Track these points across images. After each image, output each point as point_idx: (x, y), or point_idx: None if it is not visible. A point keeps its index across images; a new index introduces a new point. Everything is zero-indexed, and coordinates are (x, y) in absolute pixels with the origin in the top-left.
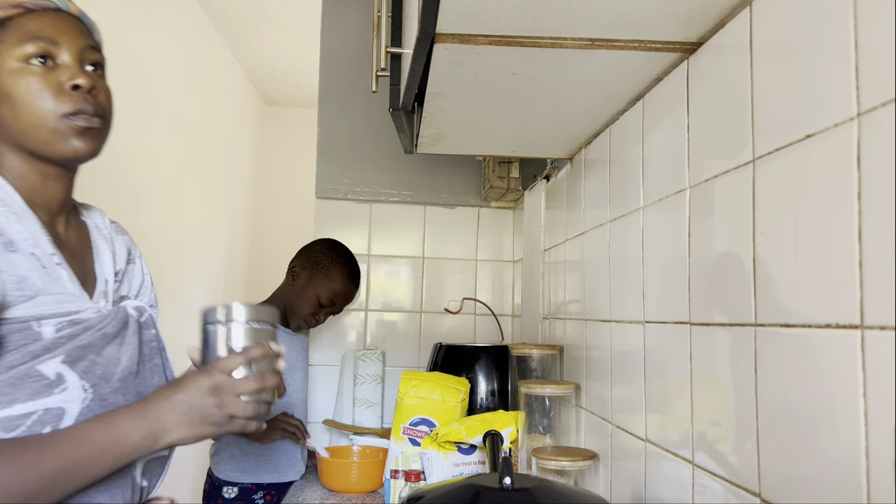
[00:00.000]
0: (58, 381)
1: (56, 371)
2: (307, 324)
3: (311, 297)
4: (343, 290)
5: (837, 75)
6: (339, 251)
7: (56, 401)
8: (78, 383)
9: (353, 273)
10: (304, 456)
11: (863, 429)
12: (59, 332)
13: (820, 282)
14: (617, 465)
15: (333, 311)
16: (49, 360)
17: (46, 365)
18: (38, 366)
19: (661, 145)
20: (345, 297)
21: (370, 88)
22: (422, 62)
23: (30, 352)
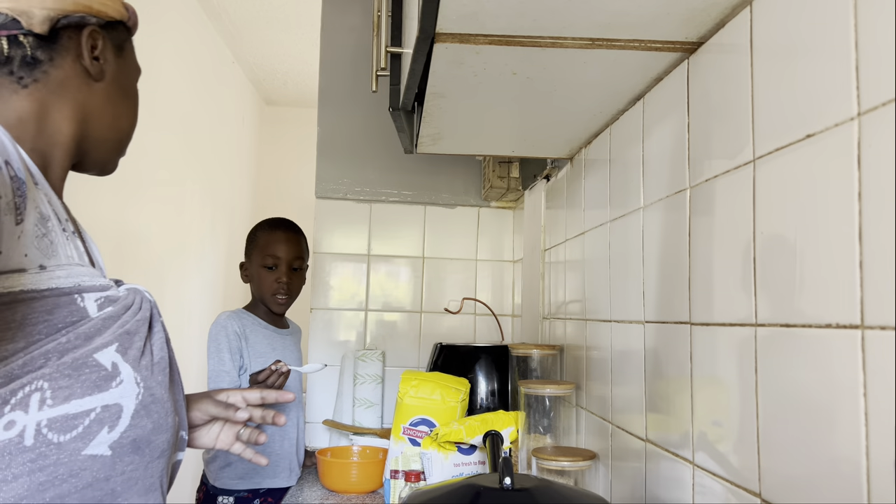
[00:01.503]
0: (114, 373)
1: (112, 361)
2: (281, 302)
3: (260, 273)
4: (271, 239)
5: (838, 75)
6: (257, 224)
7: (114, 396)
8: (132, 376)
9: (272, 224)
10: (299, 460)
11: (863, 429)
12: (101, 311)
13: (820, 282)
14: (617, 466)
15: (291, 267)
16: (105, 349)
17: (103, 354)
18: (96, 354)
19: (661, 145)
20: (282, 246)
21: (370, 88)
22: (422, 62)
23: (82, 334)
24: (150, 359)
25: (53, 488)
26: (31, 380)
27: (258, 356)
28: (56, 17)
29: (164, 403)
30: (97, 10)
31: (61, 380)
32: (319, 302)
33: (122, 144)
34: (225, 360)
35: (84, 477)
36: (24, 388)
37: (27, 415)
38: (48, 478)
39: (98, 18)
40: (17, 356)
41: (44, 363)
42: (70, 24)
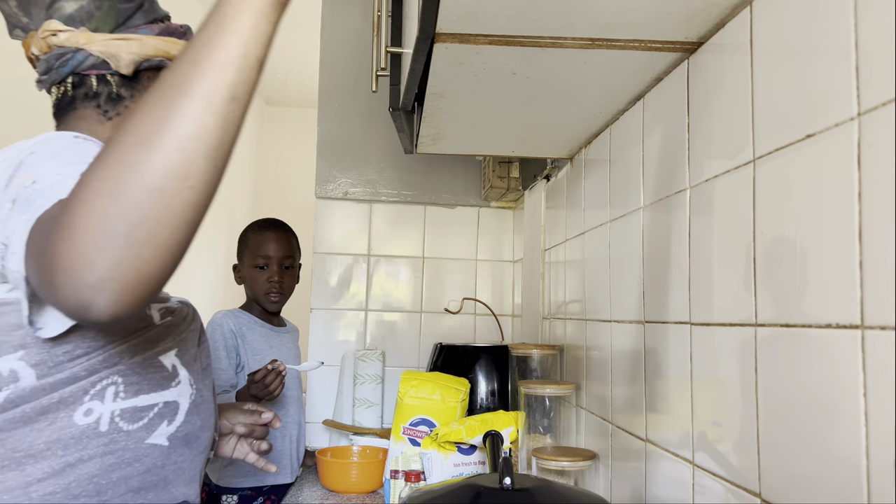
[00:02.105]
0: (173, 375)
1: (172, 363)
2: (275, 300)
3: (252, 274)
4: (261, 240)
5: (838, 75)
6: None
7: (173, 394)
8: (187, 378)
9: (261, 224)
10: (299, 458)
11: (863, 429)
12: (163, 319)
13: (820, 282)
14: (617, 466)
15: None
16: (167, 353)
17: (166, 357)
18: (160, 356)
19: (661, 145)
20: (272, 245)
21: (370, 88)
22: (422, 62)
23: (149, 338)
24: (200, 364)
25: (120, 470)
26: (108, 374)
27: (255, 354)
28: (139, 60)
29: (209, 405)
30: (174, 55)
31: (132, 376)
32: (319, 302)
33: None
34: (221, 358)
35: (145, 462)
36: (102, 382)
37: (103, 404)
38: (117, 460)
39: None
40: (98, 353)
41: (118, 360)
42: (150, 66)
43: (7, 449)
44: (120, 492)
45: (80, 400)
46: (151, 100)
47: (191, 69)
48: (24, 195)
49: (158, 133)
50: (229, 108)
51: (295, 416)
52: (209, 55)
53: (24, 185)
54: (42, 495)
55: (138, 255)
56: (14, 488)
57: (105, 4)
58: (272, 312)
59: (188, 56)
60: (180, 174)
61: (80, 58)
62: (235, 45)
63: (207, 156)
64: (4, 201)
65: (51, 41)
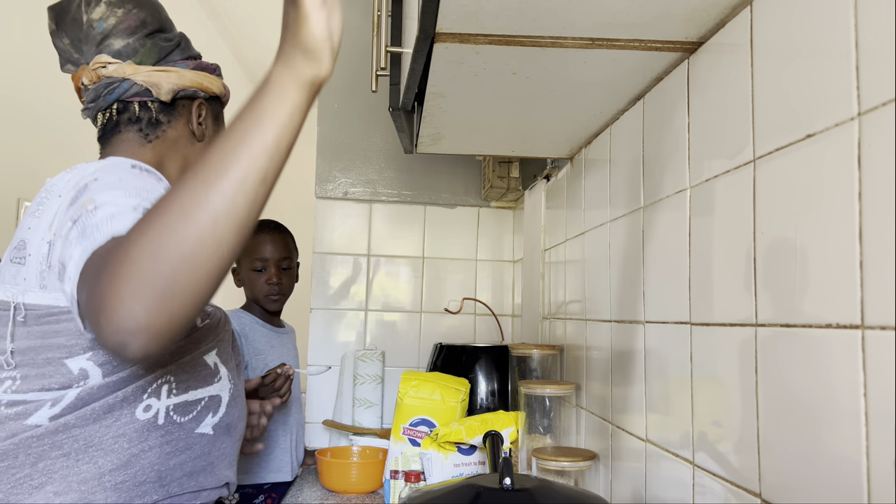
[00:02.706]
0: (215, 372)
1: (214, 362)
2: (275, 300)
3: (251, 276)
4: (257, 242)
5: (838, 75)
6: None
7: (216, 389)
8: (226, 375)
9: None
10: (299, 458)
11: (863, 429)
12: (202, 322)
13: (820, 282)
14: (617, 466)
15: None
16: (210, 352)
17: (209, 356)
18: (204, 356)
19: (661, 145)
20: (268, 247)
21: (370, 88)
22: (422, 62)
23: (193, 339)
24: (234, 362)
25: (176, 457)
26: (162, 373)
27: (257, 354)
28: (177, 89)
29: (243, 398)
30: (206, 86)
31: (181, 374)
32: (319, 302)
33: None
34: None
35: (195, 450)
36: (157, 380)
37: (159, 401)
38: (172, 449)
39: (205, 93)
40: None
41: (170, 360)
42: (185, 95)
43: (81, 444)
44: (177, 476)
45: (139, 398)
46: (194, 177)
47: (230, 154)
48: (84, 221)
49: (197, 209)
50: (259, 189)
51: (295, 416)
52: (247, 144)
53: (87, 208)
54: (114, 484)
55: (170, 307)
56: (90, 479)
57: (149, 42)
58: (273, 312)
59: (229, 141)
60: (212, 244)
61: (125, 86)
62: (271, 137)
63: (236, 230)
64: (66, 220)
65: (101, 72)
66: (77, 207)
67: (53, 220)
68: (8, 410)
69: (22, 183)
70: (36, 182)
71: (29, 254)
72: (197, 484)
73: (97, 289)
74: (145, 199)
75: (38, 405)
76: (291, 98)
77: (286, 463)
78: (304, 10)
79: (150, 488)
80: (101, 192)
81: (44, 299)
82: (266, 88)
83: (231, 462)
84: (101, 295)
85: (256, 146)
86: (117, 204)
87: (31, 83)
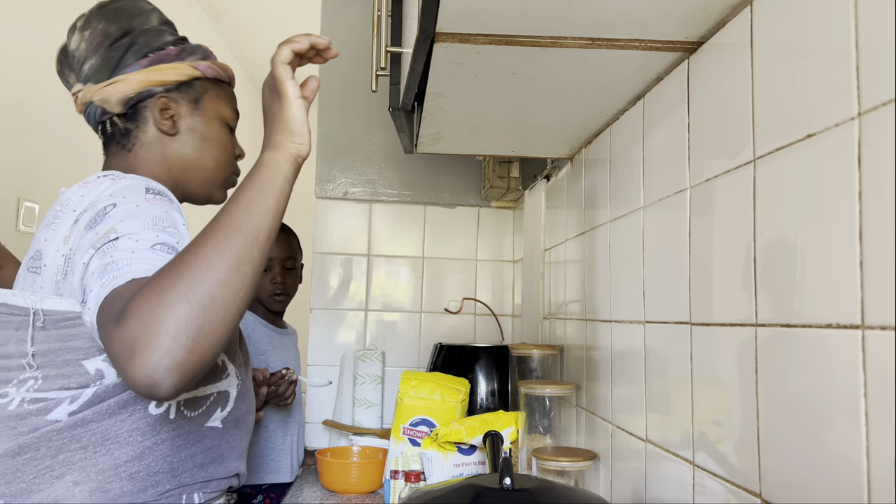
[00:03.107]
0: (223, 369)
1: (221, 359)
2: (279, 300)
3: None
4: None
5: (838, 75)
6: None
7: (224, 385)
8: (234, 371)
9: None
10: (299, 457)
11: (863, 429)
12: None
13: (820, 282)
14: (617, 466)
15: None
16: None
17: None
18: None
19: (661, 145)
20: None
21: (370, 88)
22: (422, 62)
23: None
24: (242, 359)
25: (187, 449)
26: None
27: (259, 354)
28: (125, 98)
29: (250, 393)
30: (159, 81)
31: None
32: (319, 302)
33: (212, 180)
34: None
35: (205, 442)
36: None
37: None
38: (183, 442)
39: (163, 87)
40: None
41: None
42: (140, 98)
43: (98, 437)
44: (188, 467)
45: None
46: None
47: (242, 217)
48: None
49: (221, 259)
50: (266, 243)
51: (296, 417)
52: (254, 210)
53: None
54: (129, 474)
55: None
56: (106, 469)
57: (100, 58)
58: (276, 312)
59: (238, 207)
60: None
61: (92, 110)
62: (272, 203)
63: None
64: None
65: (78, 101)
66: (98, 236)
67: (70, 234)
68: (30, 407)
69: (22, 183)
70: (36, 182)
71: (45, 264)
72: (207, 474)
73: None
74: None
75: (57, 402)
76: (283, 172)
77: (285, 464)
78: (288, 100)
79: (162, 478)
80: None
81: (60, 305)
82: (262, 167)
83: (240, 454)
84: (133, 338)
85: (262, 210)
86: (138, 238)
87: (31, 83)
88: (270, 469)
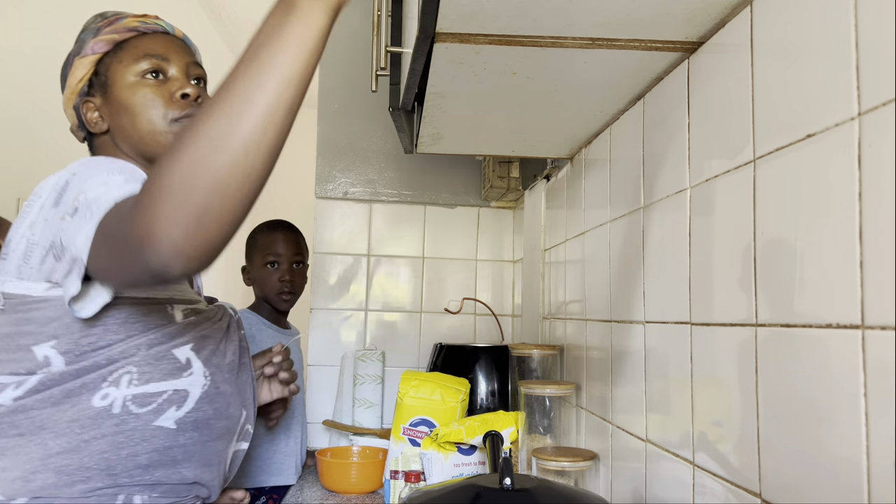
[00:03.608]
0: (186, 366)
1: (186, 356)
2: (286, 299)
3: (262, 273)
4: (270, 239)
5: (838, 75)
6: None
7: (183, 383)
8: (201, 370)
9: (269, 225)
10: (302, 458)
11: (863, 429)
12: (186, 319)
13: (820, 282)
14: (617, 466)
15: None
16: (182, 346)
17: (180, 350)
18: (174, 350)
19: (661, 145)
20: (281, 244)
21: (370, 88)
22: (422, 62)
23: (167, 334)
24: (221, 359)
25: (128, 448)
26: (125, 364)
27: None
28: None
29: (228, 396)
30: (74, 90)
31: (146, 366)
32: (319, 302)
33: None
34: None
35: (153, 442)
36: (119, 370)
37: (118, 390)
38: (126, 439)
39: (78, 95)
40: (118, 344)
41: (136, 352)
42: (77, 112)
43: (35, 425)
44: (129, 467)
45: (98, 386)
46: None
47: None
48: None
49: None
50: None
51: (298, 418)
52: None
53: (79, 199)
54: (58, 466)
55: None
56: (34, 459)
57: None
58: (282, 311)
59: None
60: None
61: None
62: (298, 66)
63: (267, 158)
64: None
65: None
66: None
67: (36, 219)
68: None
69: (22, 183)
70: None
71: (12, 250)
72: (153, 478)
73: (133, 227)
74: (131, 177)
75: (3, 387)
76: (318, 23)
77: (288, 466)
78: None
79: (95, 474)
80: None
81: (19, 288)
82: (290, 14)
83: (205, 462)
84: (138, 228)
85: (284, 75)
86: (108, 182)
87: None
88: (273, 471)
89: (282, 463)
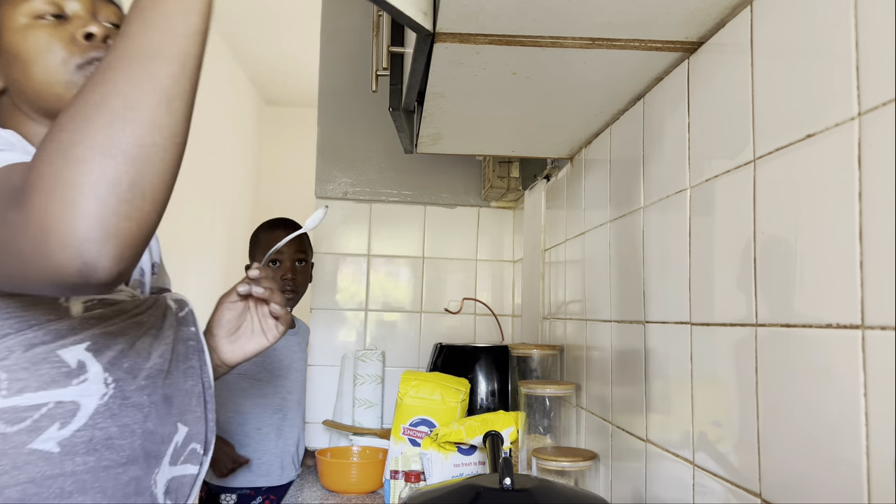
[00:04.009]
0: (78, 371)
1: (78, 359)
2: (288, 297)
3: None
4: (273, 238)
5: (838, 75)
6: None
7: (72, 393)
8: (100, 376)
9: (272, 224)
10: (300, 457)
11: (863, 429)
12: (89, 312)
13: (820, 282)
14: (617, 466)
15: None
16: (73, 346)
17: (69, 351)
18: (60, 350)
19: (661, 145)
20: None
21: (370, 88)
22: (422, 62)
23: (53, 330)
24: (137, 362)
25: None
26: None
27: (264, 353)
28: None
29: (145, 409)
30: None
31: (19, 372)
32: (319, 302)
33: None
34: None
35: (27, 471)
36: None
37: None
38: None
39: None
40: None
41: (7, 355)
42: None
43: None
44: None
45: None
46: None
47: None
48: None
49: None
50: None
51: (291, 419)
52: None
53: None
54: None
55: (141, 208)
56: None
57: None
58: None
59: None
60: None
61: None
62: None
63: (186, 114)
64: None
65: None
66: None
67: None
68: None
69: None
70: None
71: None
72: None
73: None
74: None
75: None
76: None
77: (276, 467)
78: None
79: None
80: None
81: None
82: None
83: (111, 495)
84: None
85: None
86: None
87: None
88: (267, 471)
89: (276, 462)
